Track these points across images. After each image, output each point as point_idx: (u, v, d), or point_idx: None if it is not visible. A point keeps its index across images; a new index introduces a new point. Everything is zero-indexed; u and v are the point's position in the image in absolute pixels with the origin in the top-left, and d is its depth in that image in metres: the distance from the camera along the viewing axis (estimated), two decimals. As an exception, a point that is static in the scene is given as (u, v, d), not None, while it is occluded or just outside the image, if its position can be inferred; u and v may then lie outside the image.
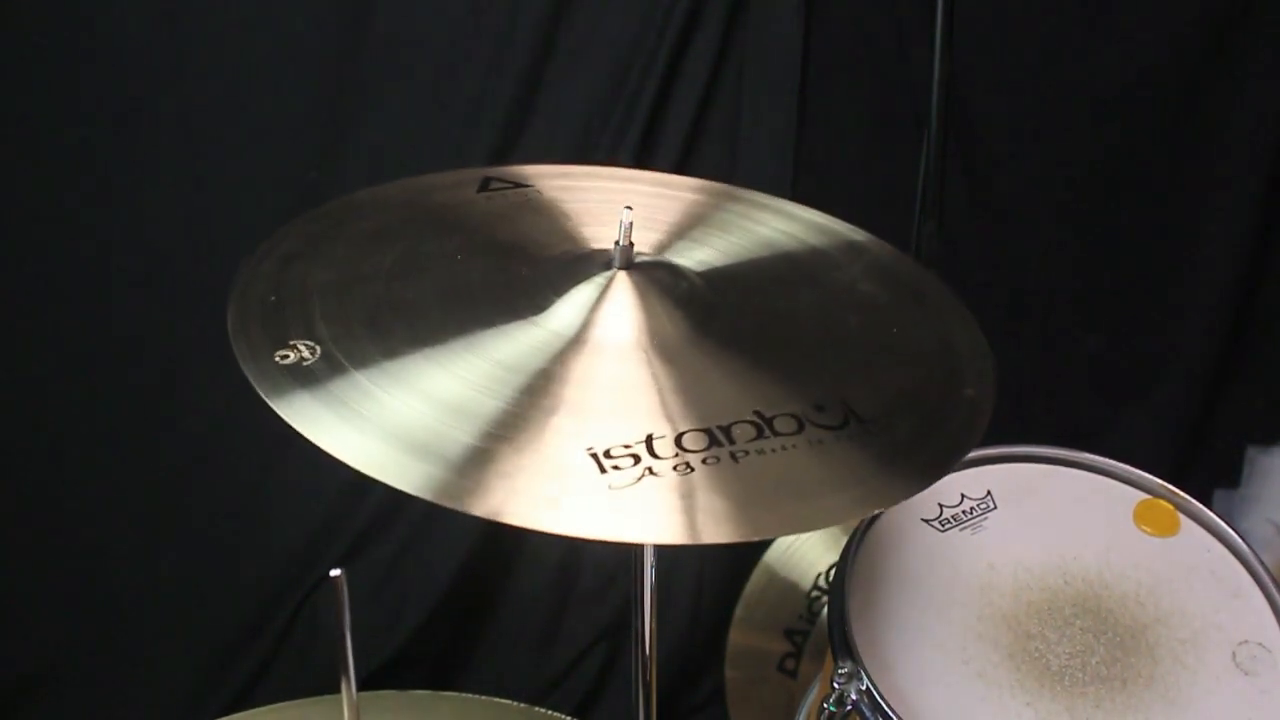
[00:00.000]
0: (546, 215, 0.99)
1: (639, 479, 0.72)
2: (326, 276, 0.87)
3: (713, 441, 0.75)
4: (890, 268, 1.00)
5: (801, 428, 0.78)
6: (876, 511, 0.74)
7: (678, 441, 0.75)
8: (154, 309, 1.51)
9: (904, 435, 0.80)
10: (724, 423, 0.77)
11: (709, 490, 0.72)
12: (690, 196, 1.05)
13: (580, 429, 0.76)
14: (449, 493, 0.71)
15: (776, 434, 0.77)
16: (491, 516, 0.69)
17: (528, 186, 1.03)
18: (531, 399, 0.77)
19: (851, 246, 1.01)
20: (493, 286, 0.88)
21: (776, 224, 1.02)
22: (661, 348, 0.83)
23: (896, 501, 0.79)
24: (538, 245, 0.94)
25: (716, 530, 0.71)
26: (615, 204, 0.90)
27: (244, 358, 0.78)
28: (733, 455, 0.75)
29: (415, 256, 0.91)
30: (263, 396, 0.75)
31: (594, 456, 0.73)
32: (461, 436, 0.74)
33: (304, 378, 0.77)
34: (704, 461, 0.74)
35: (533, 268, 0.90)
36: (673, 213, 1.01)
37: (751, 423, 0.77)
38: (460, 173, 1.05)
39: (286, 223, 0.94)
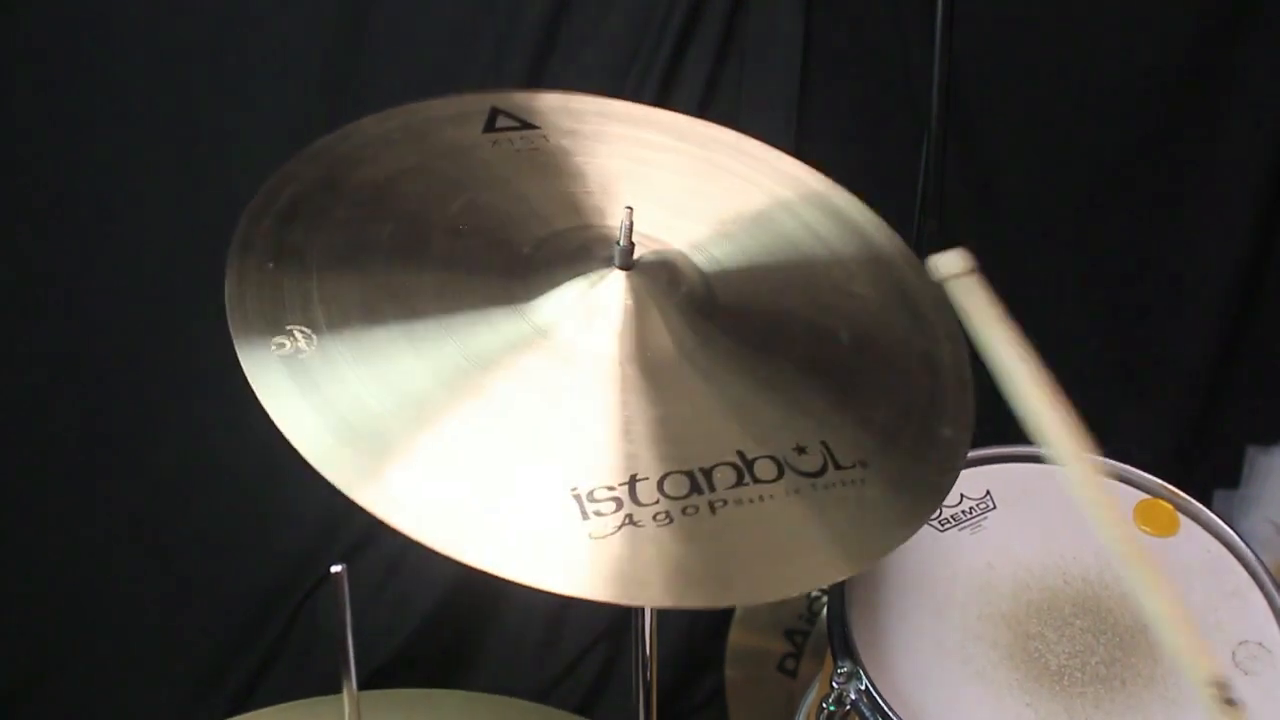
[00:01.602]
0: (554, 176, 0.95)
1: (619, 527, 0.71)
2: (324, 244, 0.84)
3: (694, 488, 0.74)
4: (886, 258, 0.98)
5: (781, 474, 0.76)
6: (849, 575, 0.73)
7: (660, 487, 0.74)
8: (153, 308, 1.51)
9: (879, 485, 0.78)
10: (706, 465, 0.75)
11: (686, 545, 0.71)
12: (700, 153, 1.02)
13: (569, 464, 0.74)
14: (357, 486, 0.70)
15: (756, 481, 0.75)
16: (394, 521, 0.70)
17: (535, 128, 0.99)
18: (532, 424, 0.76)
19: (850, 227, 0.99)
20: (491, 264, 0.86)
21: (780, 191, 1.00)
22: (645, 364, 0.81)
23: (872, 563, 0.78)
24: (543, 216, 0.91)
25: (691, 596, 0.70)
26: (625, 161, 0.89)
27: (237, 329, 0.78)
28: (710, 505, 0.73)
29: (415, 225, 0.88)
30: (239, 355, 0.75)
31: (577, 498, 0.72)
32: (404, 431, 0.73)
33: (293, 371, 0.76)
34: (684, 511, 0.73)
35: (534, 248, 0.88)
36: (681, 174, 0.99)
37: (733, 466, 0.76)
38: (466, 99, 1.02)
39: (286, 162, 0.91)
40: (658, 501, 0.73)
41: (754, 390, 0.83)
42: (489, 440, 0.75)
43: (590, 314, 0.83)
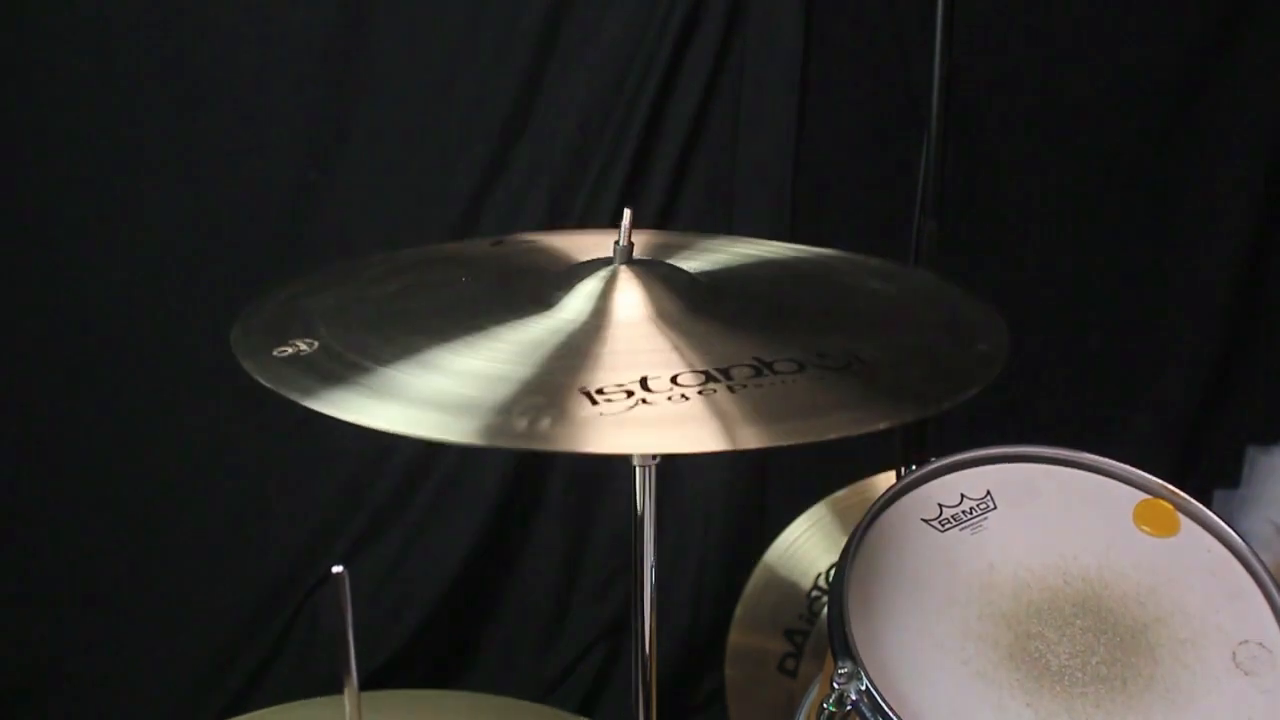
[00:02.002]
0: (550, 252, 1.03)
1: (630, 408, 0.74)
2: (329, 302, 0.90)
3: (709, 378, 0.77)
4: (899, 275, 1.02)
5: (803, 368, 0.79)
6: (881, 426, 0.74)
7: (673, 380, 0.77)
8: (154, 309, 1.51)
9: (910, 377, 0.81)
10: (721, 365, 0.79)
11: (703, 409, 0.74)
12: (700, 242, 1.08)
13: (581, 377, 0.78)
14: (491, 433, 0.73)
15: (776, 373, 0.78)
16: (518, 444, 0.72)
17: (534, 241, 1.07)
18: (557, 363, 0.80)
19: (857, 263, 1.04)
20: (497, 295, 0.92)
21: (778, 253, 1.06)
22: (668, 319, 0.86)
23: (898, 421, 0.80)
24: (540, 268, 0.97)
25: (707, 439, 0.73)
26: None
27: (244, 356, 0.79)
28: (729, 388, 0.76)
29: (419, 286, 0.95)
30: (279, 392, 0.76)
31: (586, 394, 0.76)
32: (500, 393, 0.77)
33: (316, 374, 0.78)
34: (699, 393, 0.76)
35: (536, 279, 0.93)
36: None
37: (750, 366, 0.79)
38: (471, 243, 1.11)
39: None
40: (671, 389, 0.76)
41: (773, 328, 0.87)
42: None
43: (610, 296, 0.88)
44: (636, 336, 0.84)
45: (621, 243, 0.89)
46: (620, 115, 1.52)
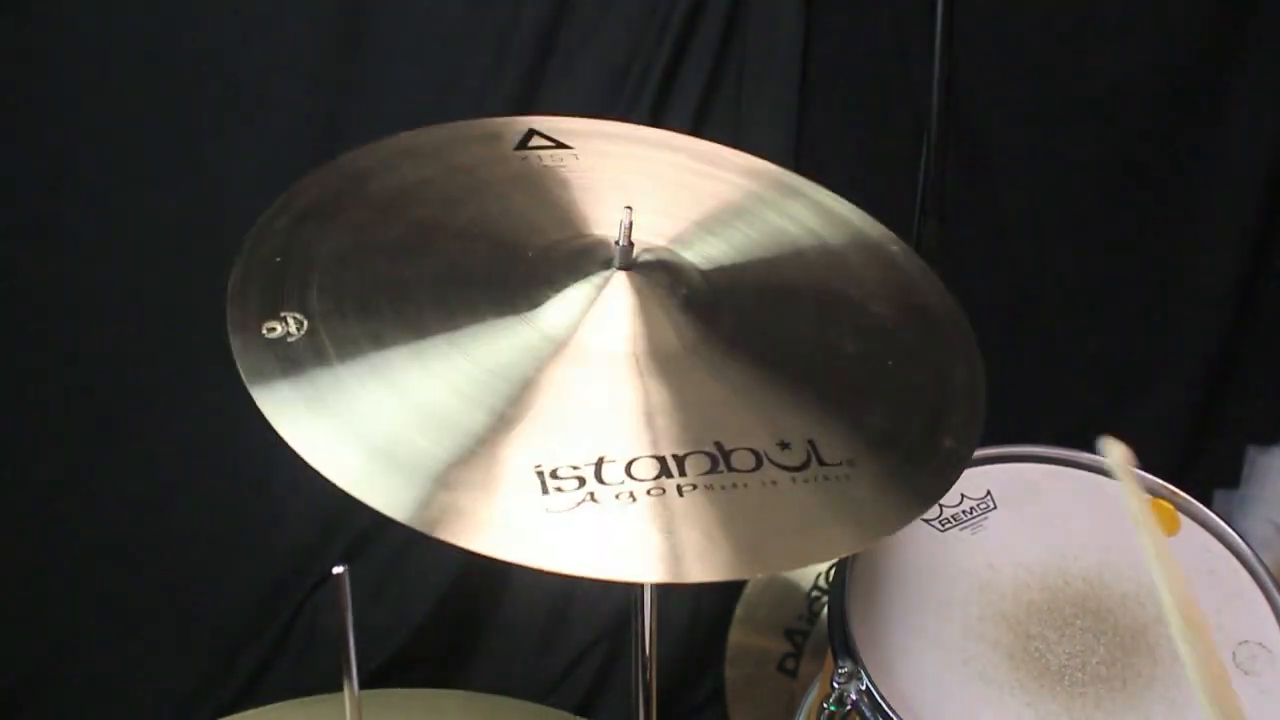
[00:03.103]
0: (573, 189, 0.97)
1: (578, 504, 0.72)
2: (333, 243, 0.86)
3: (663, 470, 0.75)
4: (910, 282, 0.98)
5: (759, 464, 0.77)
6: (815, 562, 0.73)
7: (628, 469, 0.75)
8: (153, 308, 1.51)
9: (865, 483, 0.78)
10: (680, 452, 0.76)
11: (647, 521, 0.72)
12: (730, 178, 1.03)
13: (539, 443, 0.75)
14: (400, 505, 0.71)
15: (732, 469, 0.76)
16: (427, 531, 0.71)
17: (569, 148, 1.01)
18: (504, 408, 0.77)
19: (880, 255, 0.99)
20: (492, 274, 0.87)
21: (810, 220, 1.00)
22: (645, 359, 0.82)
23: (835, 556, 0.78)
24: (551, 226, 0.93)
25: (644, 569, 0.71)
26: (650, 179, 0.90)
27: (234, 327, 0.79)
28: (679, 489, 0.74)
29: (424, 231, 0.90)
30: (244, 378, 0.76)
31: (540, 475, 0.73)
32: (430, 447, 0.74)
33: (286, 364, 0.77)
34: (649, 492, 0.73)
35: (538, 253, 0.89)
36: (702, 197, 1.00)
37: (708, 455, 0.76)
38: (506, 121, 1.03)
39: (316, 168, 0.93)
40: (622, 482, 0.74)
41: (746, 386, 0.84)
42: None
43: (594, 315, 0.84)
44: (612, 383, 0.81)
45: (621, 242, 0.87)
46: (620, 115, 1.52)
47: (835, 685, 0.96)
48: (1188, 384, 1.75)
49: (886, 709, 0.93)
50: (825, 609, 1.46)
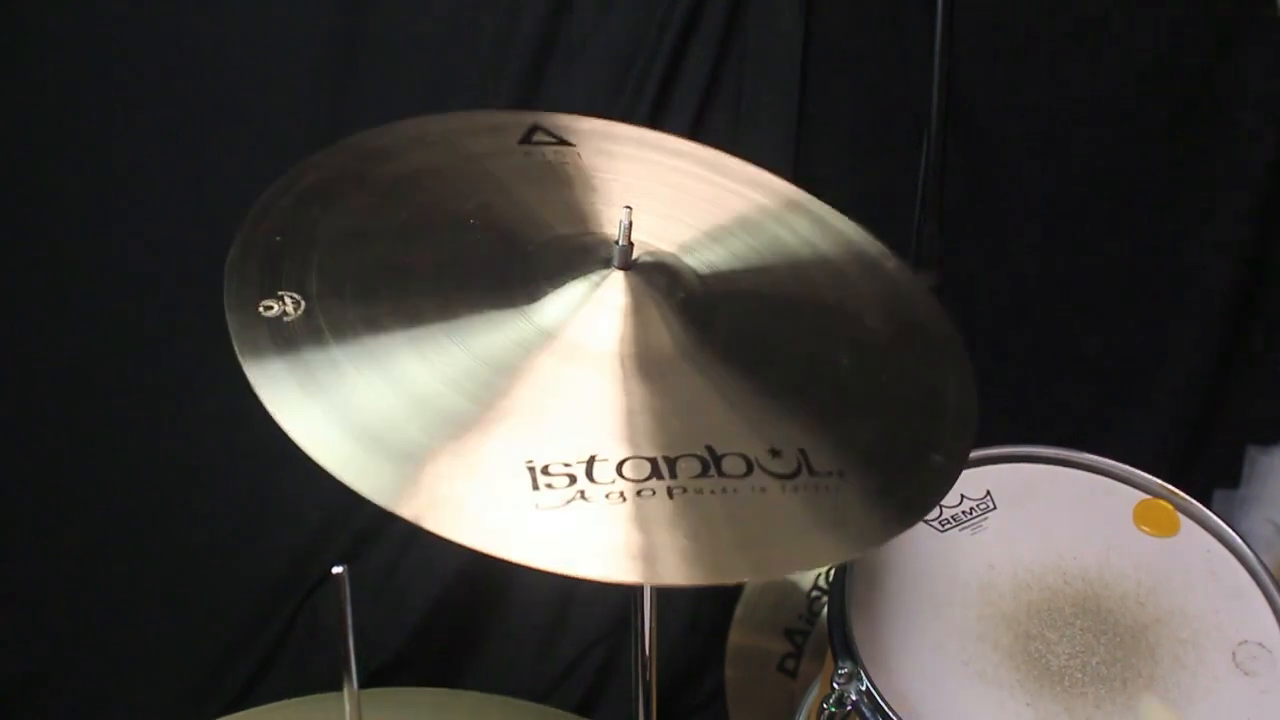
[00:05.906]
0: (576, 186, 0.97)
1: (568, 502, 0.72)
2: (335, 225, 0.86)
3: (654, 471, 0.75)
4: (906, 299, 0.98)
5: (750, 470, 0.77)
6: (795, 572, 0.73)
7: (619, 468, 0.74)
8: (153, 307, 1.51)
9: (853, 495, 0.78)
10: (671, 454, 0.76)
11: (631, 522, 0.72)
12: (733, 187, 1.03)
13: (530, 438, 0.75)
14: (387, 491, 0.71)
15: (722, 474, 0.76)
16: (414, 520, 0.70)
17: (570, 145, 1.01)
18: (497, 400, 0.77)
19: (877, 271, 0.99)
20: (492, 265, 0.87)
21: (810, 234, 1.00)
22: (640, 361, 0.82)
23: (822, 565, 0.78)
24: (553, 221, 0.93)
25: (633, 570, 0.71)
26: (653, 182, 0.90)
27: (231, 304, 0.79)
28: (669, 491, 0.74)
29: (428, 216, 0.90)
30: (238, 354, 0.76)
31: (530, 470, 0.73)
32: (419, 435, 0.74)
33: (282, 342, 0.77)
34: (639, 493, 0.73)
35: (539, 247, 0.89)
36: (704, 203, 1.00)
37: (699, 458, 0.76)
38: (510, 115, 1.04)
39: (288, 163, 0.93)
40: (613, 482, 0.74)
41: (740, 393, 0.84)
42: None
43: (590, 312, 0.84)
44: (605, 381, 0.81)
45: (620, 242, 0.87)
46: (620, 115, 1.52)
47: (835, 685, 0.96)
48: (1188, 384, 1.75)
49: (886, 709, 0.94)
50: (825, 609, 1.46)
